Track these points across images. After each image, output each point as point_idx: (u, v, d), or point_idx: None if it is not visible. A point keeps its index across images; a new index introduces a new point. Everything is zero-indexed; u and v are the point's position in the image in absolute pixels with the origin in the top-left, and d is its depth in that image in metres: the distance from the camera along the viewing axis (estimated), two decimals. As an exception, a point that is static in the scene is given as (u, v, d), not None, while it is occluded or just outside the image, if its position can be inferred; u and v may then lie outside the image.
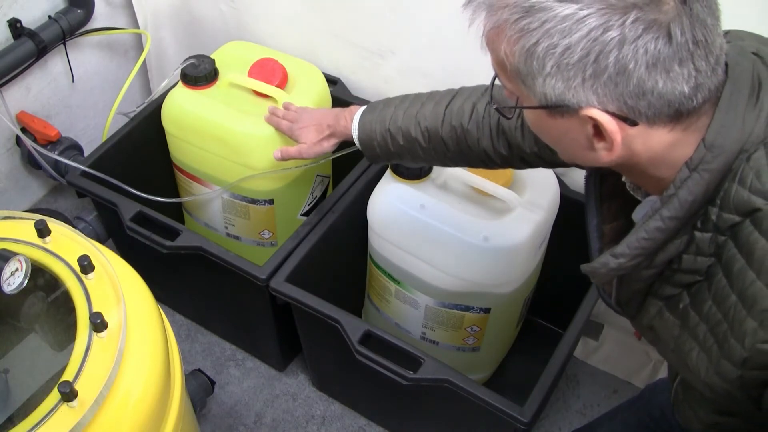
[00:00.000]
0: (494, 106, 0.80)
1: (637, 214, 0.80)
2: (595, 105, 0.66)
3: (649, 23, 0.62)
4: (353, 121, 1.20)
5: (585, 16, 0.62)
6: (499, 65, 0.71)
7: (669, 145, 0.68)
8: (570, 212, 1.42)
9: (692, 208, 0.69)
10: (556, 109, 0.68)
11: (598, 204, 0.85)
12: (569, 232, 1.43)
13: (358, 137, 1.20)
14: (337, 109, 1.27)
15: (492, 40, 0.70)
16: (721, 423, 0.87)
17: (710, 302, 0.71)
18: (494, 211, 1.33)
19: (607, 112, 0.66)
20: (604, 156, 0.70)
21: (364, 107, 1.21)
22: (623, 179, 0.82)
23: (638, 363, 1.68)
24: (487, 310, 1.40)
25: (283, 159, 1.34)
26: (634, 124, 0.66)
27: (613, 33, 0.62)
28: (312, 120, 1.30)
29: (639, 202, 0.82)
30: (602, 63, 0.63)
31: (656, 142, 0.68)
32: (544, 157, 1.03)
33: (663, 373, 1.65)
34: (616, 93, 0.65)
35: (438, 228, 1.32)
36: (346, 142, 1.27)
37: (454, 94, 1.11)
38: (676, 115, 0.66)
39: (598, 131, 0.68)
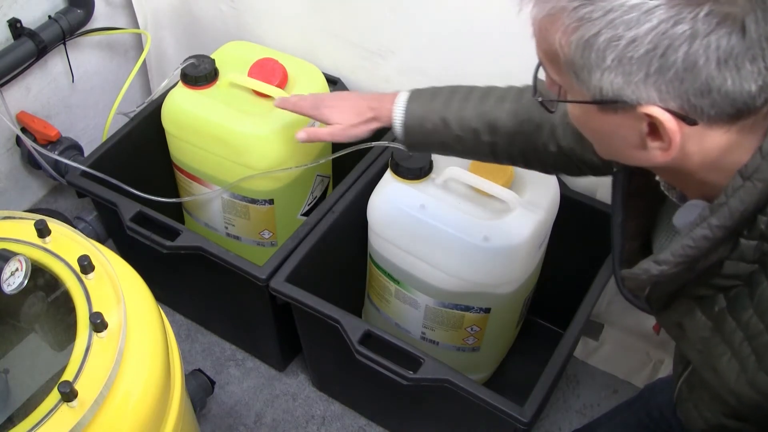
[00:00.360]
0: (539, 99, 0.75)
1: (678, 219, 0.77)
2: (656, 102, 0.62)
3: (723, 17, 0.59)
4: (396, 104, 1.13)
5: (654, 7, 0.59)
6: (549, 56, 0.67)
7: (723, 148, 0.66)
8: (570, 212, 1.42)
9: (742, 218, 0.66)
10: (610, 104, 0.65)
11: (625, 201, 0.83)
12: (569, 232, 1.43)
13: (404, 123, 1.12)
14: (373, 93, 1.19)
15: (544, 28, 0.66)
16: (727, 426, 0.86)
17: (751, 311, 0.69)
18: (494, 211, 1.33)
19: (668, 110, 0.63)
20: (657, 156, 0.66)
21: (405, 92, 1.13)
22: (657, 178, 0.80)
23: (638, 363, 1.68)
24: (487, 310, 1.40)
25: (309, 141, 1.24)
26: (693, 123, 0.63)
27: (684, 26, 0.59)
28: (346, 100, 1.20)
29: (664, 198, 0.80)
30: (670, 58, 0.60)
31: (711, 144, 0.65)
32: (580, 154, 1.00)
33: (663, 373, 1.65)
34: (681, 90, 0.61)
35: (438, 228, 1.31)
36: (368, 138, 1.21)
37: (522, 89, 1.06)
38: (737, 115, 0.63)
39: (654, 130, 0.65)
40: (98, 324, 0.87)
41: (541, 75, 0.75)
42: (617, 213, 0.84)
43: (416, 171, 1.35)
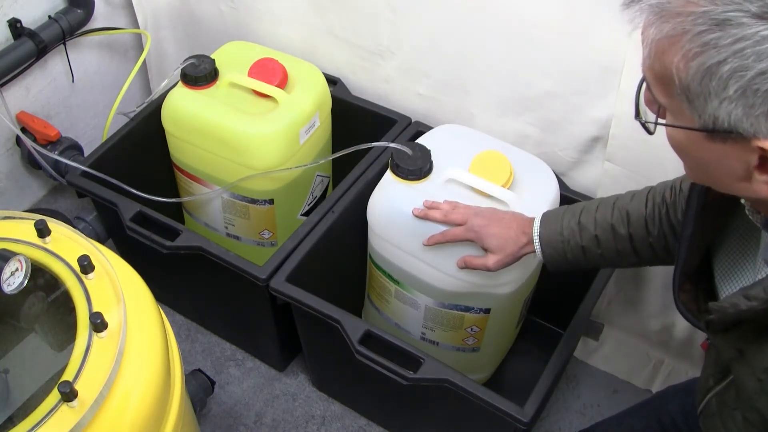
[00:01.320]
0: (643, 121, 0.72)
1: (766, 254, 0.76)
2: None
3: None
4: (534, 221, 1.15)
5: None
6: (661, 78, 0.64)
7: None
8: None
9: None
10: (722, 134, 0.62)
11: (698, 214, 0.82)
12: (569, 232, 1.43)
13: (541, 234, 1.13)
14: (521, 216, 1.20)
15: (661, 50, 0.63)
16: None
17: None
18: (494, 211, 1.33)
19: None
20: (763, 189, 0.64)
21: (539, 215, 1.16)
22: (742, 201, 0.78)
23: (638, 363, 1.68)
24: (487, 311, 1.40)
25: (467, 268, 1.26)
26: None
27: None
28: (502, 227, 1.18)
29: (733, 213, 0.79)
30: None
31: None
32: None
33: (662, 373, 1.65)
34: None
35: (438, 229, 1.31)
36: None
37: (651, 187, 1.06)
38: None
39: (764, 163, 0.63)
40: (98, 324, 0.87)
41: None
42: (689, 225, 0.82)
43: (416, 171, 1.35)
